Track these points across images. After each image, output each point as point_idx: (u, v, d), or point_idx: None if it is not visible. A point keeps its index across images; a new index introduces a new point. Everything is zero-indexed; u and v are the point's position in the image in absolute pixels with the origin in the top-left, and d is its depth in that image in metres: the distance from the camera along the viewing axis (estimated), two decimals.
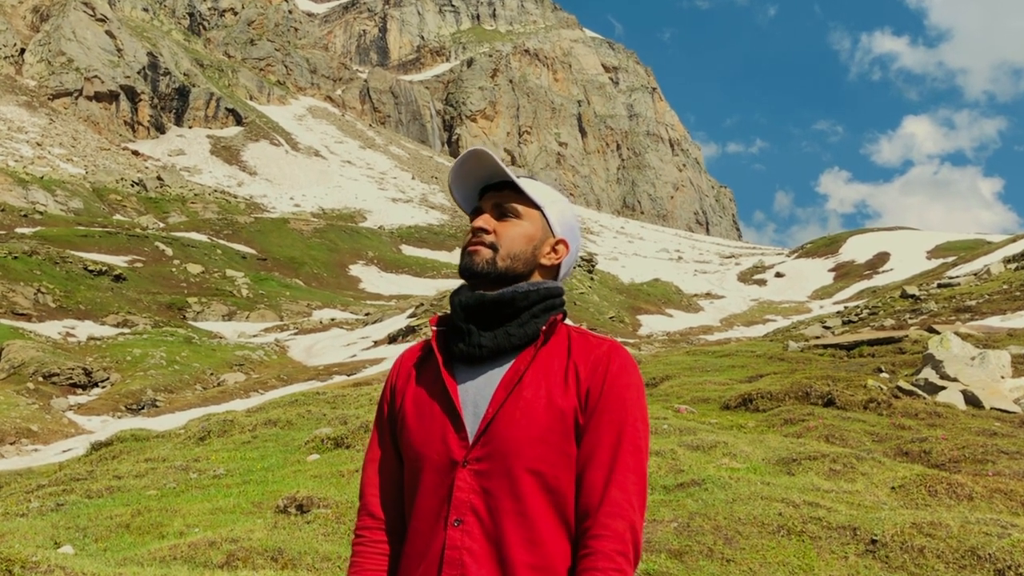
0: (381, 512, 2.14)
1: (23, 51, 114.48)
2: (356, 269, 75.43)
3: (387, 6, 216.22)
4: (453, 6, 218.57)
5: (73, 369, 30.18)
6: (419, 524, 2.01)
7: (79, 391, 29.49)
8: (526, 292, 2.06)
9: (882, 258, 79.75)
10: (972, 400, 11.75)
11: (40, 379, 29.04)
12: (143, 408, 27.62)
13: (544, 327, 2.06)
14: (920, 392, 12.06)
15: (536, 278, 2.13)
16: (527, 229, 2.11)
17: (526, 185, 2.13)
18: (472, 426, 2.00)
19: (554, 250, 2.15)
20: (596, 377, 2.00)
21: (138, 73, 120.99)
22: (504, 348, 2.04)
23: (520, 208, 2.11)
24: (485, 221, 2.10)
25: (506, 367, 2.03)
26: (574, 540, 1.98)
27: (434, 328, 2.17)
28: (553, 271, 2.16)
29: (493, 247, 2.07)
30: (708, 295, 77.02)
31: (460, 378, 2.06)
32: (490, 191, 2.15)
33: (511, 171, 2.11)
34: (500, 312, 2.05)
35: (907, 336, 18.98)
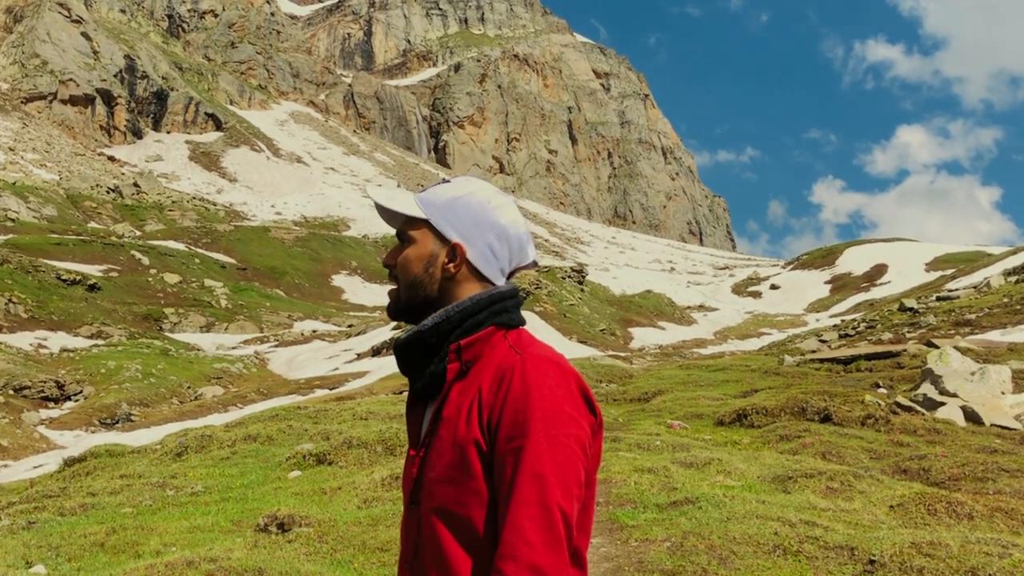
0: None
1: None
2: (339, 279, 75.33)
3: (372, 9, 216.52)
4: (440, 9, 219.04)
5: (45, 382, 30.02)
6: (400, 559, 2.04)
7: (51, 405, 29.32)
8: (434, 326, 1.96)
9: (880, 270, 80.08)
10: (972, 416, 11.81)
11: (10, 392, 28.86)
12: (118, 423, 27.48)
13: (457, 359, 1.94)
14: (919, 408, 12.12)
15: (460, 295, 2.00)
16: (416, 250, 2.01)
17: (405, 205, 2.04)
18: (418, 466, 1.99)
19: (449, 257, 2.00)
20: (498, 397, 1.84)
21: (115, 76, 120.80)
22: (431, 389, 1.98)
23: (411, 232, 2.04)
24: (388, 256, 2.08)
25: (434, 404, 1.99)
26: None
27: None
28: (477, 278, 2.02)
29: (396, 279, 2.05)
30: (702, 307, 77.16)
31: (417, 415, 2.06)
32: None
33: (396, 200, 2.07)
34: (418, 352, 1.99)
35: (905, 350, 19.06)
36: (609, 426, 13.49)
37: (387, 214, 2.07)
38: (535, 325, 45.54)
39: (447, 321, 1.96)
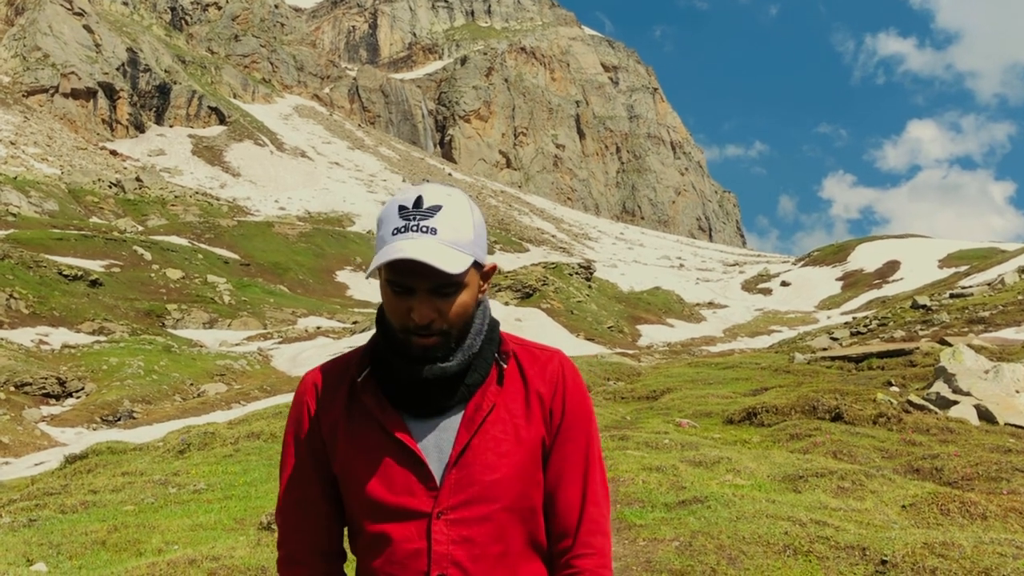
0: (314, 559, 2.08)
1: None
2: (343, 275, 75.40)
3: (378, 1, 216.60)
4: (446, 2, 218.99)
5: (46, 378, 30.08)
6: None
7: (52, 401, 29.39)
8: (480, 349, 2.00)
9: (892, 267, 79.87)
10: (986, 415, 11.78)
11: (11, 389, 28.94)
12: (119, 420, 27.54)
13: (494, 364, 2.02)
14: (931, 407, 12.08)
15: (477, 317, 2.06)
16: (470, 294, 1.96)
17: (461, 259, 1.89)
18: (438, 473, 1.95)
19: (485, 278, 2.03)
20: (557, 396, 2.02)
21: (117, 69, 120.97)
22: (463, 398, 2.00)
23: (460, 280, 1.92)
24: (429, 312, 1.90)
25: (463, 407, 1.99)
26: (547, 560, 2.03)
27: (359, 379, 2.05)
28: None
29: (443, 333, 1.94)
30: (711, 304, 77.10)
31: (413, 426, 1.99)
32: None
33: (452, 259, 1.88)
34: (460, 373, 1.99)
35: (918, 348, 19.02)
36: (617, 424, 13.48)
37: (428, 271, 1.89)
38: (542, 322, 45.55)
39: (486, 340, 2.04)
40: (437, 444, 1.96)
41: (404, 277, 1.89)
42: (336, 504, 2.08)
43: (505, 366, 2.03)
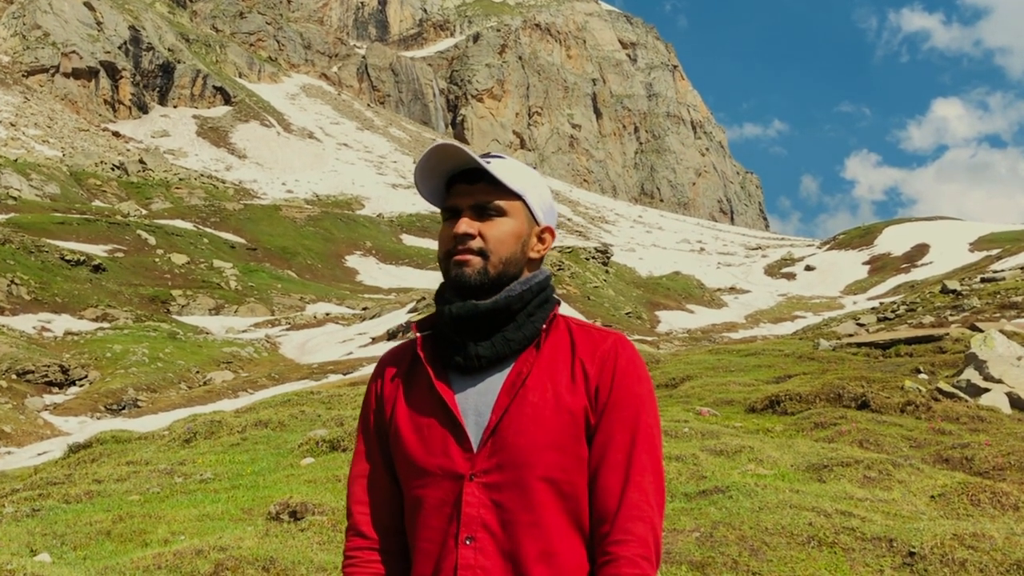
0: (373, 531, 2.13)
1: None
2: (353, 260, 75.51)
3: None
4: None
5: (49, 366, 30.27)
6: (425, 544, 2.02)
7: (55, 390, 29.59)
8: (520, 294, 2.06)
9: (921, 250, 79.50)
10: (1018, 403, 11.73)
11: (13, 377, 29.14)
12: (124, 408, 27.71)
13: (544, 325, 2.06)
14: (961, 394, 12.04)
15: (525, 274, 2.11)
16: (515, 227, 2.07)
17: (503, 173, 2.06)
18: (476, 436, 2.00)
19: (541, 240, 2.14)
20: (605, 374, 2.02)
21: (119, 48, 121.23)
22: (504, 355, 2.04)
23: (503, 204, 2.06)
24: (468, 225, 2.05)
25: (506, 371, 2.04)
26: (589, 545, 2.01)
27: (418, 335, 2.15)
28: (539, 261, 2.15)
29: (483, 254, 2.04)
30: (732, 289, 77.01)
31: (457, 386, 2.06)
32: (460, 183, 2.10)
33: (482, 159, 2.08)
34: (495, 319, 2.04)
35: (948, 334, 18.93)
36: None
37: (476, 179, 2.10)
38: None
39: (530, 291, 2.08)
40: (476, 407, 2.02)
41: (452, 199, 2.10)
42: None
43: (548, 331, 2.07)
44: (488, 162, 2.06)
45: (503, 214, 2.06)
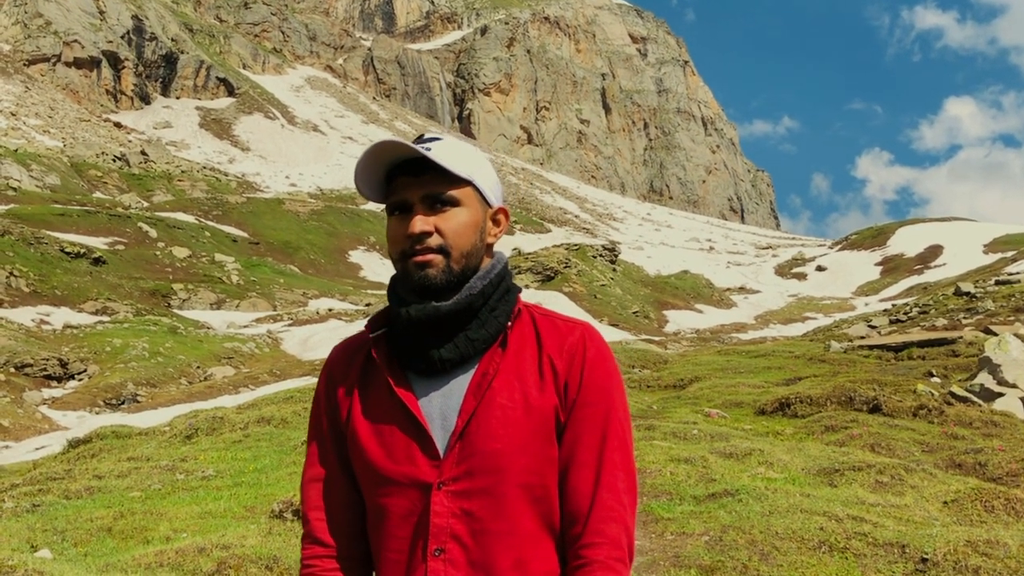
0: (331, 538, 2.05)
1: None
2: (356, 255, 75.57)
3: None
4: None
5: (47, 360, 30.34)
6: (392, 555, 1.95)
7: (54, 384, 29.65)
8: (481, 291, 1.97)
9: (934, 251, 79.34)
10: None
11: (11, 370, 29.21)
12: (123, 403, 27.77)
13: (509, 322, 1.99)
14: (975, 399, 12.04)
15: (485, 261, 2.03)
16: (470, 215, 1.98)
17: (448, 159, 1.95)
18: (442, 442, 1.93)
19: (496, 223, 2.06)
20: (574, 369, 1.95)
21: (121, 38, 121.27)
22: (468, 355, 1.96)
23: (455, 192, 1.96)
24: (423, 223, 1.93)
25: (471, 372, 1.96)
26: (560, 546, 1.96)
27: (371, 335, 2.06)
28: (493, 245, 2.07)
29: (443, 251, 1.94)
30: (742, 289, 76.91)
31: (419, 389, 1.98)
32: (402, 175, 1.98)
33: (420, 145, 1.97)
34: (457, 320, 1.95)
35: (961, 337, 18.92)
36: (643, 414, 13.50)
37: (423, 169, 1.97)
38: (563, 307, 45.53)
39: (490, 284, 2.00)
40: (442, 411, 1.94)
41: (398, 193, 1.97)
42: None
43: (511, 327, 1.99)
44: (428, 148, 1.94)
45: (456, 204, 1.96)
